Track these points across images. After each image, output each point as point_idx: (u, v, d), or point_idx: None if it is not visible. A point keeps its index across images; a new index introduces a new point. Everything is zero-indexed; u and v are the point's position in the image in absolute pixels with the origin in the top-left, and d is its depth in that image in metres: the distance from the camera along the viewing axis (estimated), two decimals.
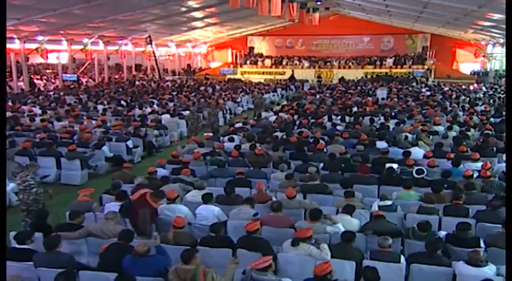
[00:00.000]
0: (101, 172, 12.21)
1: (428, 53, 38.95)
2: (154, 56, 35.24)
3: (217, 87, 30.03)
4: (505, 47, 29.08)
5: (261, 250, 5.96)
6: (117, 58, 37.81)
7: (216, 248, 6.09)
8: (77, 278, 5.21)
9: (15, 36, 25.93)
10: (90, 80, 35.40)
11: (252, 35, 43.97)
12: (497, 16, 21.53)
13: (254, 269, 5.19)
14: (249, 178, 9.20)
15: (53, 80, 33.13)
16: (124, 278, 4.91)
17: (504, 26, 24.07)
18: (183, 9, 29.08)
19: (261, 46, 44.71)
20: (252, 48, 44.45)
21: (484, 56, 36.40)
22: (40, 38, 27.13)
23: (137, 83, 33.11)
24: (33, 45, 27.59)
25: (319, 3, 29.68)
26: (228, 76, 38.63)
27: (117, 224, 6.71)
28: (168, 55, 41.19)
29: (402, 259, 5.72)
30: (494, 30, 28.03)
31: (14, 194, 9.91)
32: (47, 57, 29.47)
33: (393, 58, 38.32)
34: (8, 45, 27.24)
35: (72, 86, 29.80)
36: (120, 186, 8.43)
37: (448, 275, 5.58)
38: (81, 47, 30.86)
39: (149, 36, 31.86)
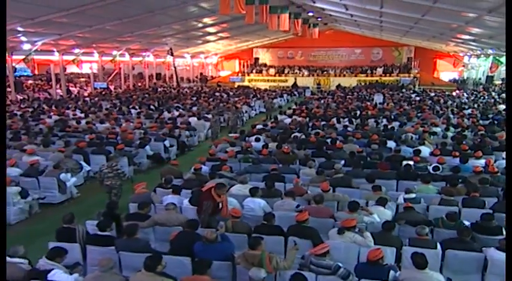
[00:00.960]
0: (143, 168, 12.15)
1: (412, 63, 38.97)
2: (174, 66, 35.15)
3: (231, 93, 29.78)
4: (489, 57, 28.89)
5: (311, 238, 5.94)
6: (140, 68, 37.85)
7: (269, 236, 5.98)
8: None
9: (55, 49, 25.91)
10: (117, 87, 35.18)
11: (257, 47, 43.59)
12: (477, 31, 21.48)
13: (313, 254, 5.16)
14: (281, 173, 9.11)
15: (85, 88, 32.84)
16: (202, 262, 4.85)
17: (483, 39, 24.19)
18: (200, 25, 28.95)
19: (265, 57, 44.40)
20: (257, 59, 44.18)
21: (463, 65, 36.37)
22: (76, 50, 27.05)
23: (159, 89, 32.88)
24: (70, 57, 27.51)
25: (319, 19, 29.61)
26: (237, 83, 38.39)
27: (179, 214, 6.70)
28: (185, 65, 41.07)
29: (438, 245, 5.67)
30: (473, 43, 27.96)
31: (75, 187, 9.96)
32: (81, 68, 29.39)
33: (382, 67, 38.37)
34: (49, 57, 27.32)
35: (103, 93, 29.67)
36: (172, 180, 8.39)
37: (479, 260, 5.54)
38: (111, 58, 30.76)
39: (170, 49, 31.66)
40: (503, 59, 27.77)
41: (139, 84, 38.41)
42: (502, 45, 24.49)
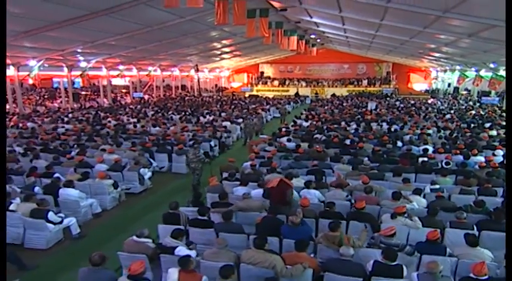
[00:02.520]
0: None
1: (391, 76, 39.09)
2: (198, 79, 35.15)
3: (246, 101, 29.61)
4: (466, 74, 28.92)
5: (369, 221, 6.00)
6: (167, 80, 37.82)
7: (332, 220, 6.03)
8: None
9: (103, 66, 25.90)
10: (150, 96, 35.08)
11: (262, 62, 43.54)
12: (452, 50, 21.55)
13: (383, 235, 5.24)
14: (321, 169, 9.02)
15: (124, 97, 32.71)
16: (302, 242, 4.85)
17: (455, 57, 24.29)
18: (219, 46, 29.04)
19: (269, 71, 44.31)
20: (262, 73, 44.12)
21: (434, 78, 36.52)
22: (121, 67, 26.98)
23: (186, 98, 32.78)
24: (115, 72, 27.46)
25: (318, 40, 29.70)
26: (247, 93, 38.16)
27: (256, 201, 6.75)
28: (205, 78, 41.01)
29: (475, 227, 5.76)
30: (444, 60, 28.08)
31: (148, 180, 9.97)
32: (125, 81, 29.35)
33: (367, 79, 38.43)
34: (98, 72, 27.23)
35: (142, 101, 29.56)
36: (235, 174, 8.43)
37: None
38: (147, 73, 30.71)
39: (196, 65, 31.70)
40: (467, 73, 28.03)
41: (167, 94, 38.26)
42: (470, 62, 24.73)
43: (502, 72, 23.14)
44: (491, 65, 22.44)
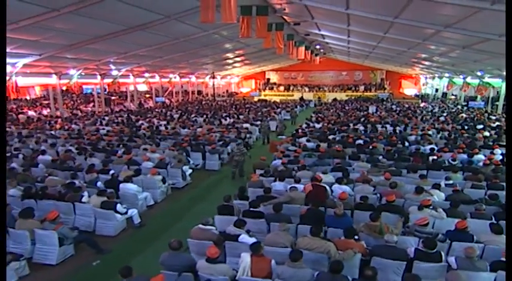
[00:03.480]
0: (225, 161, 12.08)
1: (385, 82, 39.12)
2: (213, 85, 35.27)
3: (257, 105, 29.61)
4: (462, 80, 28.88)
5: (399, 213, 6.13)
6: (185, 86, 37.94)
7: (365, 211, 6.13)
8: None
9: (130, 74, 26.04)
10: (170, 101, 35.15)
11: (268, 70, 43.55)
12: (443, 60, 21.61)
13: (417, 224, 5.40)
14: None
15: (147, 101, 32.82)
16: (350, 230, 5.00)
17: (446, 66, 24.36)
18: (231, 55, 29.14)
19: (274, 77, 44.30)
20: (268, 79, 44.16)
21: (424, 84, 36.53)
22: (146, 75, 27.13)
23: (203, 102, 32.86)
24: (141, 80, 27.61)
25: (322, 50, 29.78)
26: (256, 97, 37.98)
27: (300, 194, 6.82)
28: (218, 84, 41.12)
29: (493, 217, 5.89)
30: (434, 69, 28.15)
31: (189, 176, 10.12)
32: (149, 87, 29.50)
33: (363, 85, 38.45)
34: (126, 80, 27.34)
35: (164, 105, 29.67)
36: (270, 171, 8.55)
37: None
38: (168, 79, 30.86)
39: (213, 73, 31.83)
40: (455, 80, 28.11)
41: (185, 98, 38.36)
42: (459, 70, 24.79)
43: (488, 80, 23.28)
44: (478, 73, 22.52)
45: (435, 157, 9.48)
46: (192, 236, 5.33)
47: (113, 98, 29.13)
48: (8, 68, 16.34)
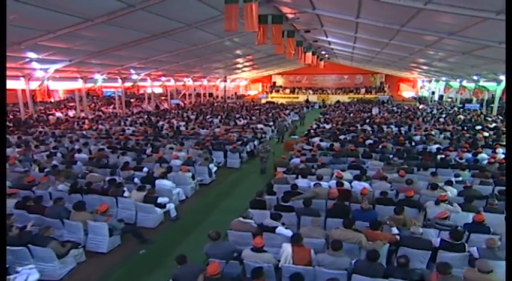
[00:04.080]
0: (244, 160, 12.20)
1: (384, 85, 39.09)
2: (225, 88, 35.39)
3: (266, 106, 29.58)
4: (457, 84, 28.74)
5: (417, 207, 6.25)
6: (197, 89, 38.00)
7: (386, 206, 6.26)
8: None
9: (148, 78, 26.19)
10: (183, 103, 35.25)
11: (274, 74, 43.55)
12: (442, 65, 21.60)
13: (438, 218, 5.52)
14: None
15: (162, 103, 32.96)
16: (376, 222, 5.14)
17: (444, 71, 24.33)
18: (241, 60, 29.26)
19: (280, 81, 44.28)
20: (274, 82, 44.22)
21: (421, 87, 36.46)
22: (163, 78, 27.30)
23: (215, 104, 32.95)
24: (158, 83, 27.76)
25: (327, 55, 29.82)
26: (263, 100, 37.95)
27: (324, 189, 6.96)
28: (228, 87, 41.24)
29: (505, 211, 6.00)
30: (432, 72, 28.11)
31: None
32: (166, 90, 29.66)
33: (364, 88, 38.44)
34: (143, 83, 27.44)
35: (179, 106, 29.81)
36: (292, 169, 8.69)
37: None
38: (182, 83, 31.02)
39: (225, 76, 31.96)
40: (452, 83, 28.08)
41: (198, 100, 38.46)
42: (456, 74, 24.78)
43: (483, 83, 23.25)
44: (475, 77, 22.52)
45: (443, 156, 9.54)
46: (232, 228, 5.49)
47: (131, 100, 29.28)
48: (41, 73, 16.61)
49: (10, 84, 16.62)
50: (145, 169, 8.89)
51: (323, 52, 27.16)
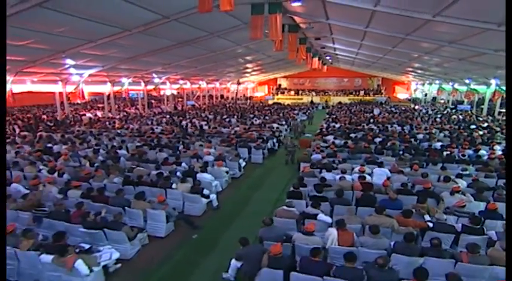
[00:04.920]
0: (265, 156, 12.32)
1: (381, 88, 39.23)
2: (237, 90, 35.59)
3: (274, 107, 29.53)
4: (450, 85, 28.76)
5: (435, 197, 6.51)
6: (210, 91, 38.21)
7: (407, 196, 6.47)
8: None
9: (167, 81, 26.43)
10: (197, 104, 35.39)
11: (280, 77, 43.70)
12: (436, 69, 21.73)
13: (456, 206, 5.81)
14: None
15: (178, 104, 33.15)
16: (408, 211, 5.36)
17: (439, 75, 24.44)
18: (252, 65, 29.43)
19: (284, 83, 44.42)
20: (280, 85, 44.38)
21: (415, 89, 36.58)
22: (181, 81, 27.55)
23: (227, 105, 33.11)
24: (176, 86, 28.02)
25: (330, 60, 29.98)
26: (270, 101, 37.98)
27: (348, 182, 7.29)
28: (238, 89, 41.34)
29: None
30: (426, 76, 28.22)
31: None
32: (183, 91, 29.88)
33: (363, 90, 38.59)
34: (163, 86, 27.65)
35: (195, 107, 30.02)
36: (315, 164, 8.92)
37: None
38: (198, 86, 31.27)
39: (238, 80, 32.16)
40: (444, 86, 28.25)
41: (211, 101, 38.59)
42: (449, 78, 24.92)
43: (473, 86, 23.43)
44: (467, 81, 22.71)
45: (448, 152, 9.78)
46: (277, 215, 5.79)
47: (152, 101, 29.53)
48: (76, 78, 16.92)
49: (49, 87, 16.97)
50: (183, 164, 9.18)
51: (327, 57, 27.30)
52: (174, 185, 7.41)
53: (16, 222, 5.73)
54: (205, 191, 7.27)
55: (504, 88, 19.04)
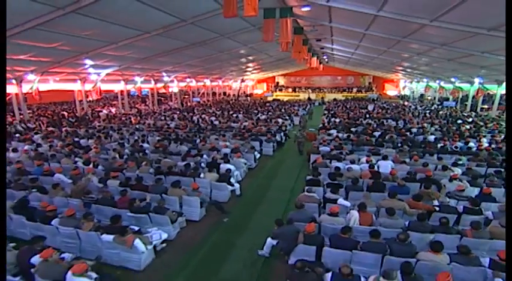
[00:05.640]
0: (275, 148, 12.49)
1: (372, 85, 39.61)
2: (240, 88, 35.57)
3: (275, 103, 29.53)
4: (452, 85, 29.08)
5: (436, 184, 6.86)
6: (213, 88, 38.23)
7: (411, 183, 6.85)
8: None
9: (175, 79, 26.41)
10: (203, 100, 35.40)
11: (278, 75, 43.75)
12: (425, 68, 22.05)
13: (457, 190, 6.20)
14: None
15: (186, 101, 33.14)
16: (419, 194, 5.77)
17: (427, 74, 24.83)
18: (251, 65, 29.45)
19: (282, 81, 44.46)
20: (278, 83, 44.45)
21: (403, 87, 37.04)
22: (188, 80, 27.58)
23: (231, 102, 33.12)
24: (183, 84, 28.03)
25: (326, 59, 30.15)
26: (269, 97, 37.81)
27: (358, 172, 7.66)
28: (240, 87, 41.39)
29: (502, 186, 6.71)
30: (415, 74, 28.61)
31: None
32: (190, 89, 29.88)
33: (356, 88, 38.92)
34: (171, 84, 27.65)
35: (201, 104, 30.08)
36: (325, 155, 9.31)
37: None
38: (203, 83, 31.29)
39: (242, 78, 32.16)
40: (431, 84, 28.73)
41: (214, 98, 38.58)
42: (437, 76, 25.35)
43: (458, 84, 23.91)
44: (452, 79, 23.18)
45: (442, 144, 10.19)
46: (299, 200, 6.14)
47: (162, 98, 29.50)
48: (94, 77, 16.98)
49: (69, 86, 17.02)
50: (205, 156, 9.47)
51: (324, 56, 27.51)
52: (201, 175, 7.71)
53: (67, 207, 6.01)
54: (232, 180, 7.58)
55: (487, 86, 19.59)
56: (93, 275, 3.90)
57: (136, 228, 5.37)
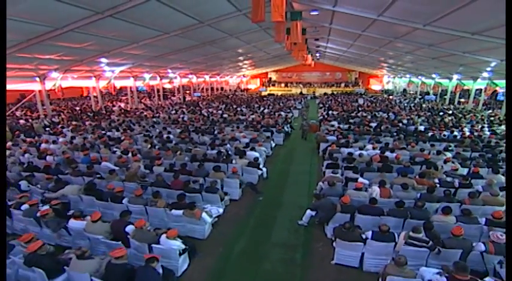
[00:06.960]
0: (284, 138, 13.10)
1: (358, 80, 40.76)
2: (239, 83, 35.79)
3: (272, 98, 29.74)
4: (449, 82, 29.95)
5: (433, 165, 7.91)
6: (212, 83, 38.29)
7: (416, 165, 7.89)
8: None
9: (178, 76, 26.57)
10: (203, 95, 35.54)
11: (271, 71, 44.19)
12: (409, 65, 23.13)
13: (452, 169, 7.21)
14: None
15: (188, 96, 33.15)
16: (424, 172, 6.76)
17: (411, 70, 25.90)
18: (247, 62, 29.72)
19: (274, 76, 44.96)
20: (270, 78, 44.94)
21: (387, 82, 38.34)
22: (190, 76, 27.77)
23: (230, 96, 33.25)
24: (185, 80, 28.19)
25: (318, 56, 30.87)
26: (263, 92, 37.86)
27: (367, 157, 8.55)
28: (235, 83, 41.57)
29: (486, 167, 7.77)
30: (399, 70, 29.72)
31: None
32: (192, 84, 30.02)
33: (344, 83, 39.97)
34: (175, 80, 27.75)
35: (202, 98, 30.31)
36: (333, 143, 10.12)
37: None
38: (203, 79, 31.48)
39: (243, 74, 32.39)
40: (413, 79, 30.04)
41: (213, 93, 38.65)
42: (419, 73, 26.49)
43: (438, 80, 25.25)
44: (433, 75, 24.47)
45: (432, 133, 11.20)
46: (327, 179, 6.95)
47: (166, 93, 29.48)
48: (109, 74, 17.11)
49: (84, 83, 17.10)
50: (228, 146, 10.11)
51: (317, 54, 28.23)
52: (233, 161, 8.41)
53: (125, 190, 6.60)
54: (261, 165, 8.32)
55: (465, 82, 20.94)
56: (179, 240, 4.61)
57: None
